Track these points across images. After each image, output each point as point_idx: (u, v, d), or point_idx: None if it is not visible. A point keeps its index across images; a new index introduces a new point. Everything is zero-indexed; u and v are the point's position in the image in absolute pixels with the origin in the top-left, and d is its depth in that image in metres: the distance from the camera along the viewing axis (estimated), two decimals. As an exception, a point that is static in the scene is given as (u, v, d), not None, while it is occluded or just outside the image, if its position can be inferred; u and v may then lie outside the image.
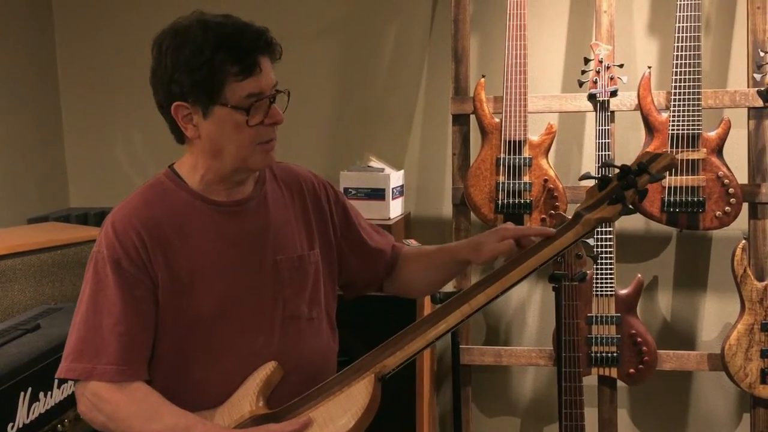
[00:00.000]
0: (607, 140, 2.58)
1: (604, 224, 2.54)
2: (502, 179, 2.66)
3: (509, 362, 2.85)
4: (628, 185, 1.48)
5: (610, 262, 2.61)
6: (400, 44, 3.10)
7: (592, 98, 2.62)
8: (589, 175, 1.62)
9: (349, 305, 1.79)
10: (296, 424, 1.39)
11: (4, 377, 1.79)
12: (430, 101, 3.09)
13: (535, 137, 2.66)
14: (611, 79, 2.58)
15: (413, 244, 2.75)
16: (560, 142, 2.89)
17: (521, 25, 2.62)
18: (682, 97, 2.53)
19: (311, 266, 1.60)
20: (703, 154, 2.54)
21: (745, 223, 2.63)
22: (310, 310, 1.58)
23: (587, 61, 2.61)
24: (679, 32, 2.51)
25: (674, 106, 2.54)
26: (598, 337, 2.63)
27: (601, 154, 2.58)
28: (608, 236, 2.60)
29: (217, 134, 1.45)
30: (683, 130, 2.54)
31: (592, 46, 2.62)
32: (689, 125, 2.53)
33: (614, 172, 1.51)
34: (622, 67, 2.60)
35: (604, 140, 2.58)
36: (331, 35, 3.14)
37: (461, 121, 2.80)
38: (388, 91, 3.12)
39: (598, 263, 2.60)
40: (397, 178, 2.92)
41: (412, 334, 1.45)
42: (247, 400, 1.45)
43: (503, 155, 2.65)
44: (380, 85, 3.13)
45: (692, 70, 2.52)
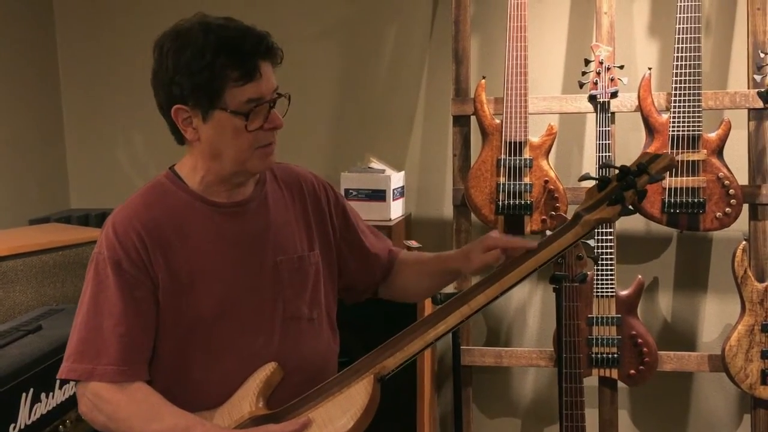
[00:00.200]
0: (607, 141, 2.58)
1: (604, 225, 2.56)
2: (502, 180, 2.66)
3: (510, 363, 2.86)
4: (627, 186, 1.48)
5: (610, 263, 2.61)
6: (400, 45, 3.10)
7: (592, 99, 2.61)
8: (588, 176, 1.62)
9: (349, 306, 1.79)
10: (295, 424, 1.40)
11: (6, 378, 1.79)
12: (430, 102, 3.09)
13: (535, 138, 2.66)
14: (612, 80, 2.58)
15: (414, 245, 2.76)
16: (561, 143, 2.89)
17: (522, 26, 2.62)
18: (682, 98, 2.53)
19: (311, 267, 1.60)
20: (703, 155, 2.54)
21: (745, 224, 2.63)
22: (310, 311, 1.59)
23: (588, 62, 2.61)
24: (679, 33, 2.51)
25: (674, 107, 2.54)
26: (598, 338, 2.63)
27: (601, 155, 2.58)
28: (609, 237, 2.61)
29: (216, 138, 1.45)
30: (683, 131, 2.54)
31: (592, 47, 2.61)
32: (689, 126, 2.53)
33: (614, 173, 1.51)
34: (622, 68, 2.60)
35: (604, 141, 2.58)
36: (331, 37, 3.15)
37: (462, 122, 2.80)
38: (388, 92, 3.12)
39: (598, 264, 2.59)
40: (397, 179, 2.92)
41: (411, 335, 1.45)
42: (246, 400, 1.45)
43: (504, 156, 2.65)
44: (381, 86, 3.13)
45: (692, 71, 2.52)
